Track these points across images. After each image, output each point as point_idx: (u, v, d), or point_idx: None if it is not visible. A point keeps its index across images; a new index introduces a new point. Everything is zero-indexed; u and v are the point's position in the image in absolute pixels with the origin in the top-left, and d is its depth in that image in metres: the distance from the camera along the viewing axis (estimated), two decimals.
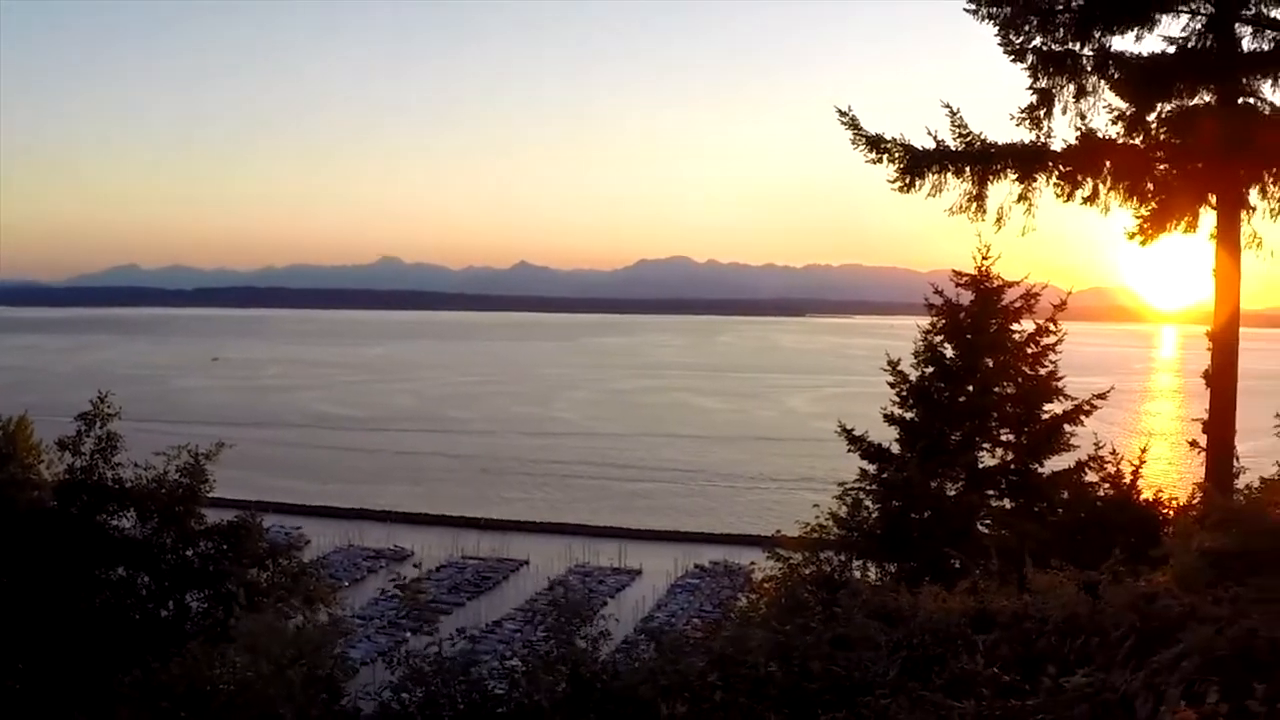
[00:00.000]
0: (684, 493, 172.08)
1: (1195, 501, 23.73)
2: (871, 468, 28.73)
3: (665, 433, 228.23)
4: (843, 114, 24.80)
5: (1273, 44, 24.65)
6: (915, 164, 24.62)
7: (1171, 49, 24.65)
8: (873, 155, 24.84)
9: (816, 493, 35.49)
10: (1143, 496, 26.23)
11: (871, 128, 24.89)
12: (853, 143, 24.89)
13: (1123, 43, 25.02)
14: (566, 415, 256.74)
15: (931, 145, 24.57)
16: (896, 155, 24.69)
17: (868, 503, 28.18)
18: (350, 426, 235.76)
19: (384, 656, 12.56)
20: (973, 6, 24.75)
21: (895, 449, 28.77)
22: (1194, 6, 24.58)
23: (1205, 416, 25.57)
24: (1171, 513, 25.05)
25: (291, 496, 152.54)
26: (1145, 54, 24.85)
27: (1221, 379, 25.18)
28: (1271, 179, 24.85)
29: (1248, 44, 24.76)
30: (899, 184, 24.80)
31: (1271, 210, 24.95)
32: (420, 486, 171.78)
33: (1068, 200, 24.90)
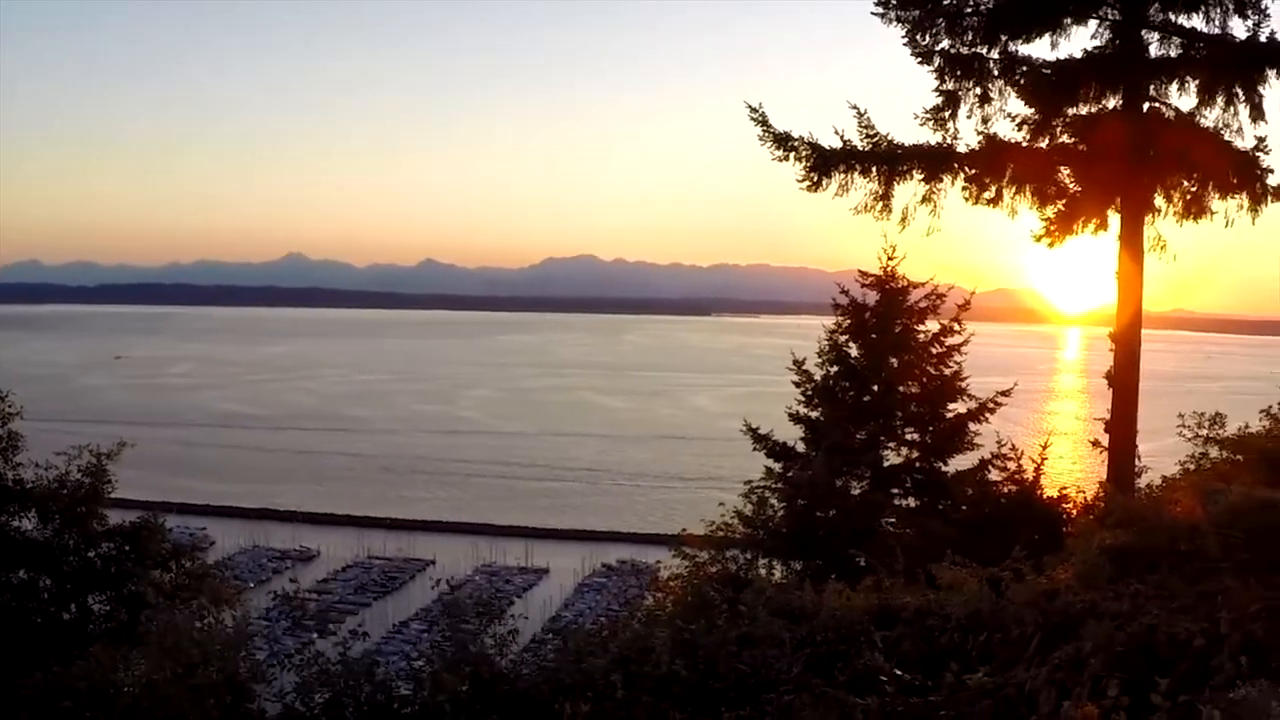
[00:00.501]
0: (590, 492, 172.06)
1: (1097, 500, 23.98)
2: (777, 466, 28.82)
3: (571, 431, 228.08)
4: (753, 110, 24.83)
5: (1179, 50, 24.95)
6: (822, 163, 24.72)
7: (1079, 54, 24.92)
8: (780, 153, 24.90)
9: (722, 491, 35.55)
10: (1045, 495, 26.47)
11: (783, 127, 25.01)
12: (761, 140, 24.94)
13: (1030, 48, 25.25)
14: (472, 414, 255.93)
15: (839, 145, 24.69)
16: (804, 154, 24.77)
17: (773, 501, 28.24)
18: (255, 425, 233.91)
19: (290, 658, 12.35)
20: (881, 9, 24.86)
21: (800, 448, 28.87)
22: (1101, 13, 24.84)
23: (1107, 416, 25.87)
24: (1074, 511, 25.31)
25: (195, 497, 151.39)
26: (1052, 59, 25.10)
27: (1123, 380, 25.47)
28: (1177, 183, 25.18)
29: (1154, 50, 25.06)
30: (806, 183, 24.89)
31: (1176, 213, 25.26)
32: (325, 486, 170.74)
33: (974, 202, 25.12)
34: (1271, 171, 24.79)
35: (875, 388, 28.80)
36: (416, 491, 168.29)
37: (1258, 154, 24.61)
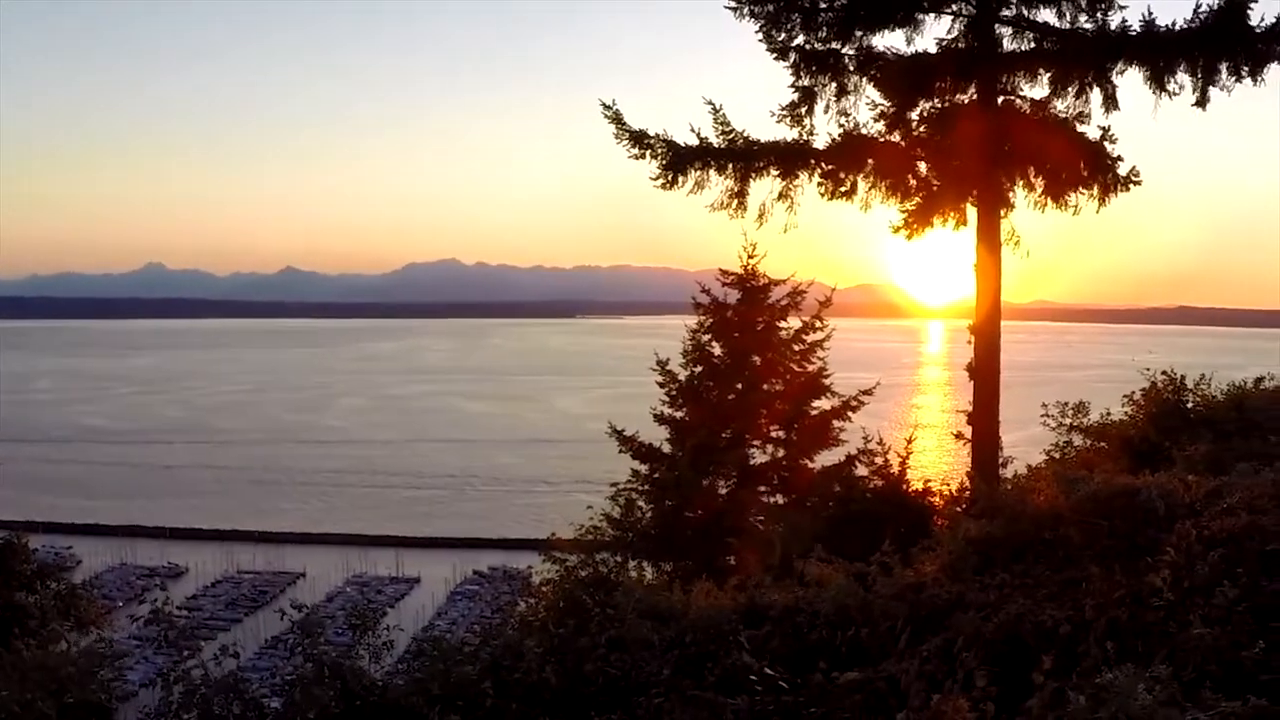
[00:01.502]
0: (459, 498, 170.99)
1: (963, 491, 24.18)
2: (643, 468, 28.81)
3: (438, 438, 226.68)
4: (607, 108, 24.71)
5: (1033, 44, 25.19)
6: (678, 160, 24.63)
7: (934, 49, 25.08)
8: (636, 151, 24.78)
9: (591, 495, 35.47)
10: (912, 488, 26.60)
11: (640, 125, 24.92)
12: (616, 138, 24.82)
13: (886, 42, 25.37)
14: (338, 423, 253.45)
15: (695, 142, 24.63)
16: (659, 151, 24.67)
17: (640, 503, 28.23)
18: (119, 440, 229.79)
19: (162, 677, 12.07)
20: (735, 4, 24.81)
21: (667, 448, 28.86)
22: (956, 8, 25.01)
23: (970, 409, 26.06)
24: (941, 503, 25.49)
25: (60, 514, 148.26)
26: (908, 53, 25.23)
27: (984, 372, 25.68)
28: (1031, 175, 25.42)
29: (1008, 44, 25.28)
30: (662, 181, 24.79)
31: (1037, 203, 25.51)
32: (193, 500, 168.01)
33: (830, 198, 25.17)
34: (1120, 160, 25.11)
35: (739, 386, 28.84)
36: (285, 503, 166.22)
37: (1105, 143, 24.92)
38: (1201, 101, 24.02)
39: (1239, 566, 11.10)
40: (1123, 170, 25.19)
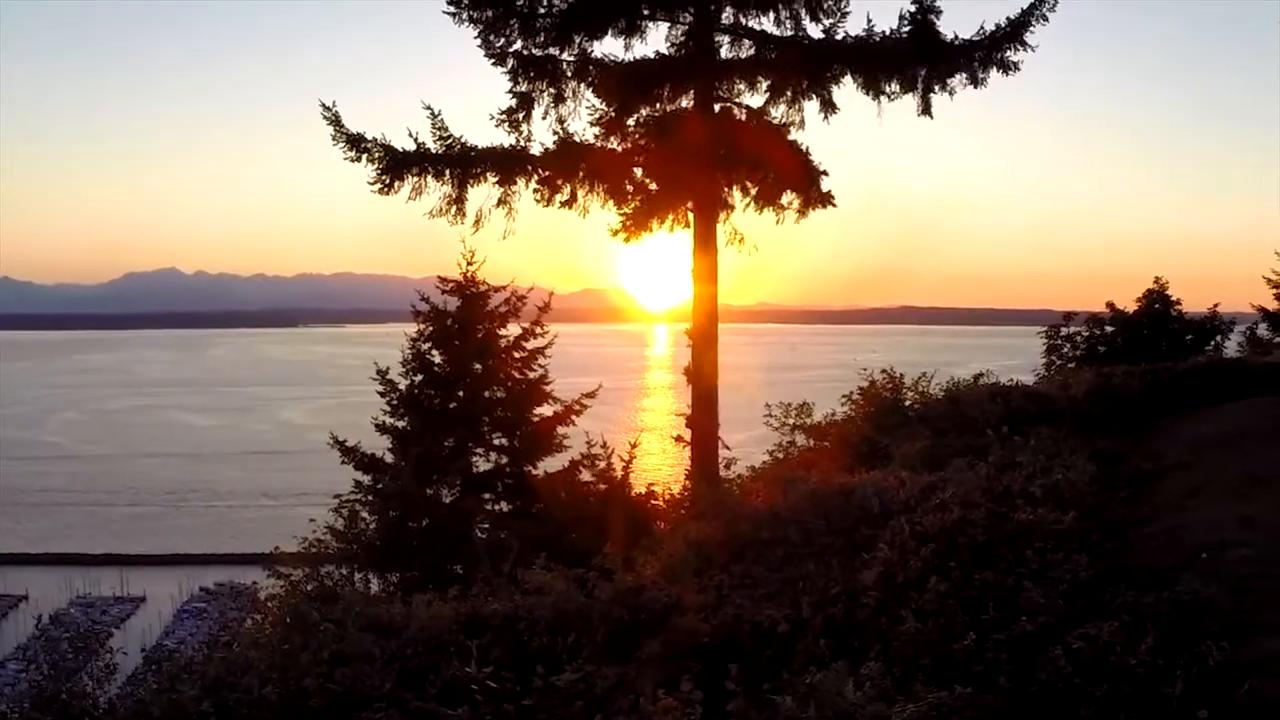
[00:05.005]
0: (182, 514, 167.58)
1: (685, 494, 24.40)
2: (366, 479, 28.52)
3: (159, 452, 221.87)
4: (326, 109, 24.42)
5: (750, 51, 25.54)
6: (395, 165, 24.47)
7: (653, 55, 25.29)
8: (353, 154, 24.57)
9: (314, 507, 35.01)
10: (636, 491, 26.80)
11: (358, 129, 24.69)
12: (334, 140, 24.56)
13: (605, 48, 25.51)
14: (54, 439, 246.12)
15: (412, 147, 24.47)
16: (377, 155, 24.48)
17: (364, 514, 27.95)
18: None
19: None
20: (453, 9, 24.71)
21: (389, 458, 28.60)
22: (674, 15, 25.24)
23: (689, 412, 26.33)
24: (664, 505, 25.69)
25: None
26: (627, 60, 25.40)
27: (702, 375, 25.99)
28: (747, 180, 25.79)
29: (726, 52, 25.62)
30: (379, 186, 24.63)
31: (757, 205, 25.88)
32: None
33: (547, 204, 25.25)
34: (825, 174, 25.71)
35: (460, 394, 28.73)
36: (2, 523, 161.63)
37: (809, 158, 25.47)
38: (925, 110, 24.67)
39: (951, 560, 11.37)
40: (825, 186, 25.77)
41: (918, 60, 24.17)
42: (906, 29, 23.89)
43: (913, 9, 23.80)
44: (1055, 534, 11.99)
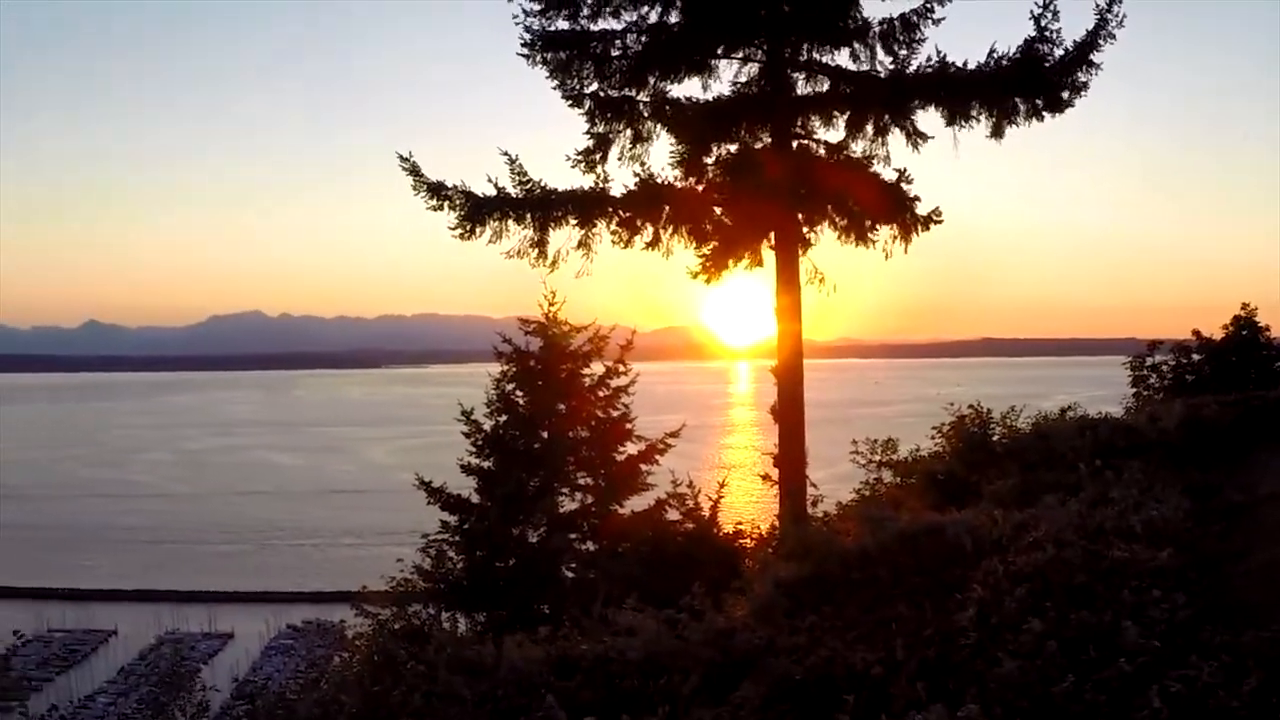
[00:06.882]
0: (269, 552, 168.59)
1: (772, 533, 24.28)
2: (452, 519, 28.54)
3: (245, 491, 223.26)
4: (404, 159, 24.59)
5: (826, 86, 25.52)
6: (476, 211, 24.56)
7: (729, 94, 25.30)
8: (434, 203, 24.69)
9: (400, 546, 35.11)
10: (723, 530, 26.65)
11: (437, 177, 24.81)
12: (414, 190, 24.69)
13: (681, 88, 25.56)
14: (142, 478, 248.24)
15: (493, 192, 24.56)
16: (457, 202, 24.59)
17: (451, 554, 27.99)
18: None
19: None
20: (528, 53, 24.84)
21: (475, 498, 28.63)
22: (747, 54, 25.25)
23: (775, 450, 26.20)
24: (752, 545, 25.55)
25: None
26: (702, 99, 25.42)
27: (788, 412, 25.86)
28: (829, 216, 25.71)
29: (801, 88, 25.58)
30: (460, 231, 24.72)
31: (847, 239, 25.79)
32: None
33: (626, 245, 25.23)
34: (918, 200, 25.51)
35: (544, 434, 28.73)
36: (93, 559, 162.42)
37: (902, 185, 25.30)
38: (997, 133, 24.50)
39: (1046, 600, 11.20)
40: (922, 210, 25.61)
41: (1018, 90, 24.02)
42: (1016, 55, 23.70)
43: (1032, 34, 23.60)
44: (1151, 571, 11.77)
